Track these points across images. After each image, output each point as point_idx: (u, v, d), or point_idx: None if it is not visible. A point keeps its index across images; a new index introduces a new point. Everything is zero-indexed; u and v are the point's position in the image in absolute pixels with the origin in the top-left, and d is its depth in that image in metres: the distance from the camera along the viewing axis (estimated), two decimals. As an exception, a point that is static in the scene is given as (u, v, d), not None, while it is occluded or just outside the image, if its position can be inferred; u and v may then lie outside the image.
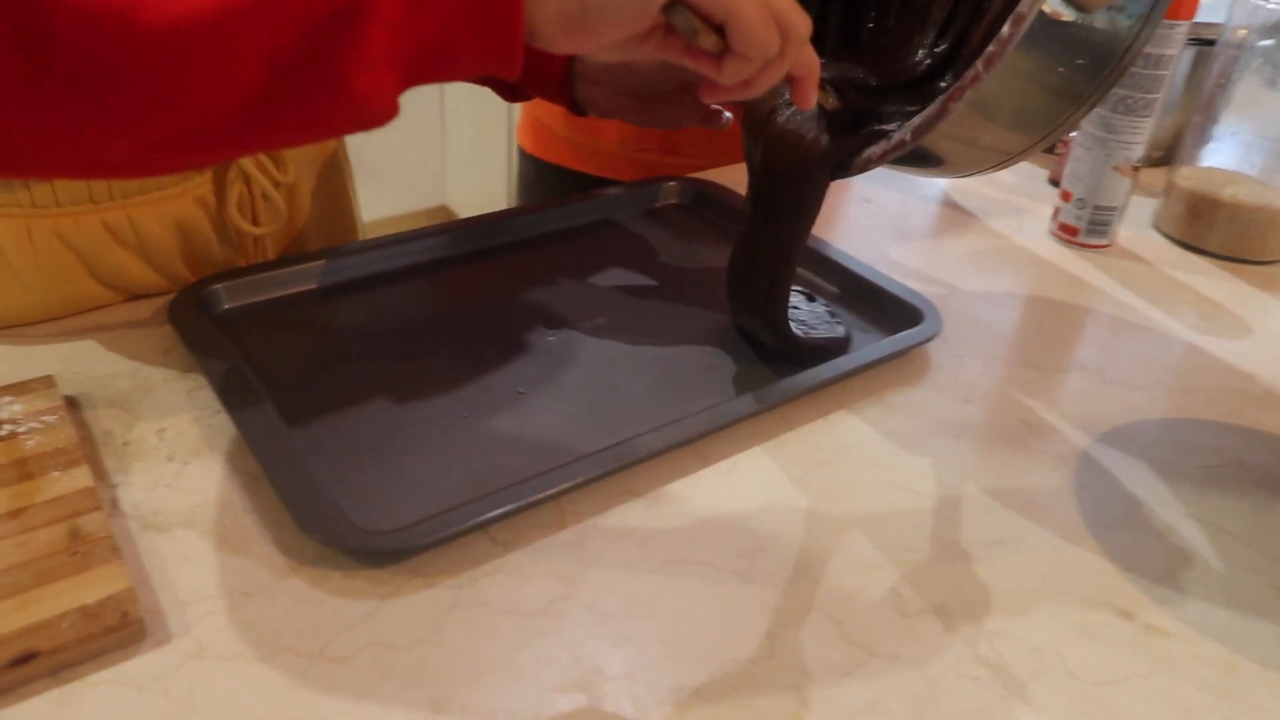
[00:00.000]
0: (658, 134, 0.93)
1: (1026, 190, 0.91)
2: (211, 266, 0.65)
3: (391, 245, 0.68)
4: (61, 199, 0.57)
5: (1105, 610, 0.45)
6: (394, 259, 0.68)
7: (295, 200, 0.70)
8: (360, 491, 0.48)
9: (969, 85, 0.45)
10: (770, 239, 0.59)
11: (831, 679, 0.41)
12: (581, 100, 0.69)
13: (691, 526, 0.48)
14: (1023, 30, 0.43)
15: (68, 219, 0.58)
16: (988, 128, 0.49)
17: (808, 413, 0.57)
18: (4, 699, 0.37)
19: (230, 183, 0.63)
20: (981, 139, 0.50)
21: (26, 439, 0.48)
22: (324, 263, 0.66)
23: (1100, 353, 0.66)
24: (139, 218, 0.60)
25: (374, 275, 0.67)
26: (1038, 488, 0.53)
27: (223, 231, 0.65)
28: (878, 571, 0.46)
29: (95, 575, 0.41)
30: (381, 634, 0.41)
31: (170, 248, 0.62)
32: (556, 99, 0.69)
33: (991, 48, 0.44)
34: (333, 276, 0.66)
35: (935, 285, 0.72)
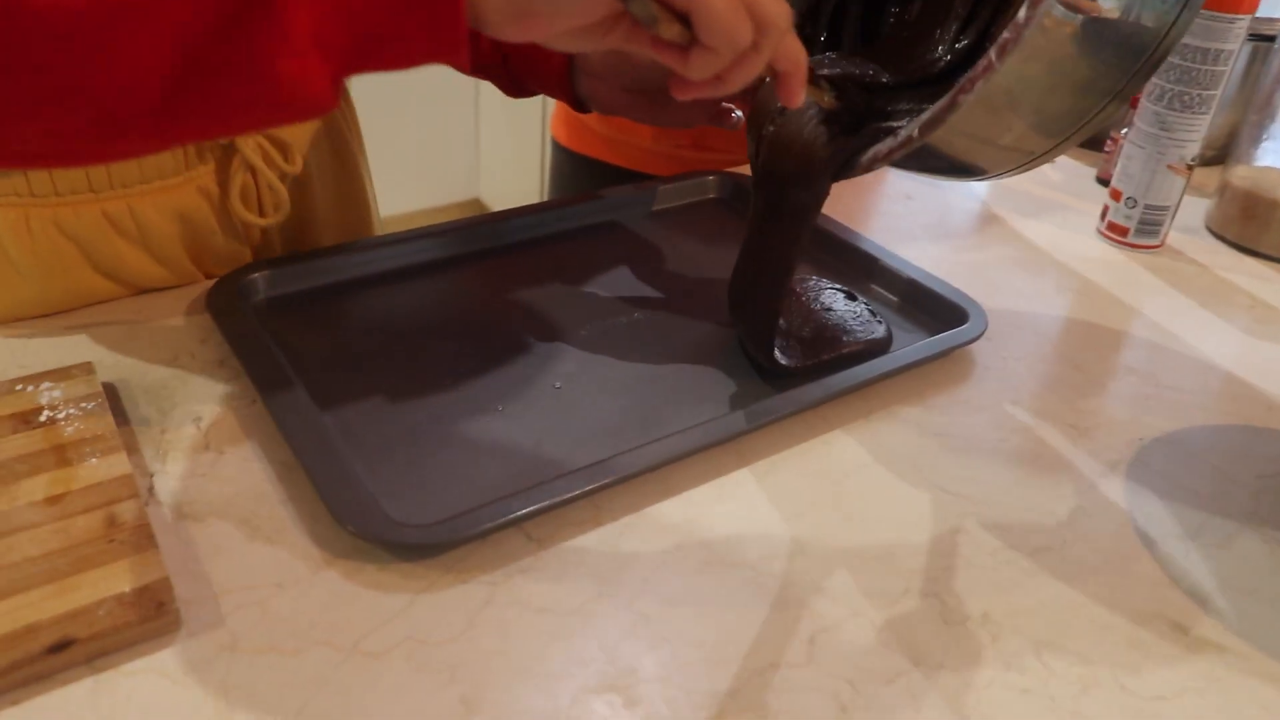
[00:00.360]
0: (690, 129, 0.91)
1: (1073, 189, 0.89)
2: (215, 258, 0.64)
3: (428, 238, 0.68)
4: (60, 188, 0.56)
5: (1158, 623, 0.44)
6: (431, 251, 0.68)
7: (304, 192, 0.69)
8: (395, 485, 0.48)
9: (980, 75, 0.42)
10: (768, 247, 0.56)
11: (872, 687, 0.40)
12: (584, 96, 0.67)
13: (730, 527, 0.47)
14: (1039, 15, 0.40)
15: (67, 208, 0.56)
16: (1007, 124, 0.46)
17: (849, 413, 0.55)
18: (41, 686, 0.37)
19: (234, 173, 0.61)
20: (1001, 137, 0.47)
21: (65, 425, 0.48)
22: (361, 254, 0.65)
23: (1150, 356, 0.64)
24: (139, 208, 0.59)
25: (411, 267, 0.67)
26: (1087, 494, 0.51)
27: (226, 223, 0.63)
28: (920, 577, 0.45)
29: (132, 563, 0.41)
30: (415, 629, 0.41)
31: (172, 238, 0.61)
32: (559, 94, 0.67)
33: (1006, 34, 0.40)
34: (369, 268, 0.65)
35: (979, 284, 0.70)
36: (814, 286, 0.65)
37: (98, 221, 0.58)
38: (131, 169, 0.57)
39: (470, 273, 0.67)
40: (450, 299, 0.64)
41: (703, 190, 0.80)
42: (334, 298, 0.63)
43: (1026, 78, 0.42)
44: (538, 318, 0.62)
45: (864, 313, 0.62)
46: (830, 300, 0.63)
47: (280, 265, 0.63)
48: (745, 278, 0.58)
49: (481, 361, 0.57)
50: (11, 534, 0.42)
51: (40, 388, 0.50)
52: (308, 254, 0.65)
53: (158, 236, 0.60)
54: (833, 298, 0.64)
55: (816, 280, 0.66)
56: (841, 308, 0.63)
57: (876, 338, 0.60)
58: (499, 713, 0.38)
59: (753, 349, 0.58)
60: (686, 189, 0.79)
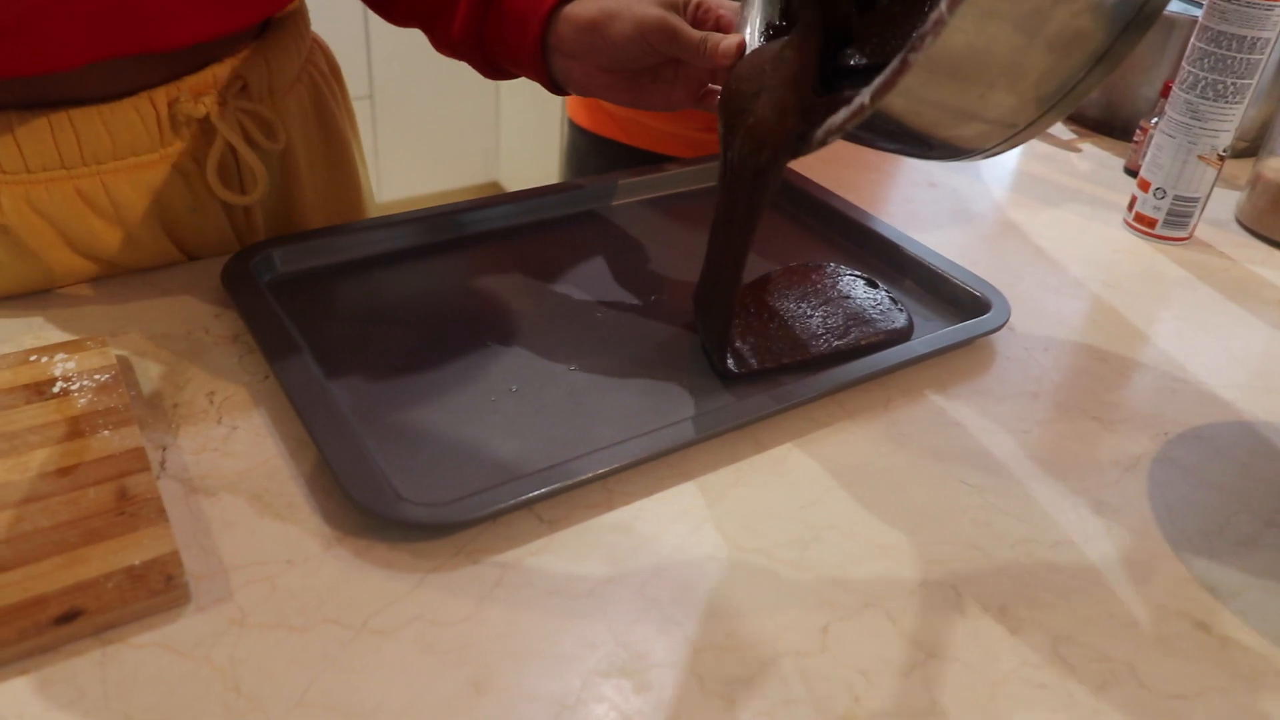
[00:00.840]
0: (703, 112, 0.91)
1: (1100, 178, 0.87)
2: (196, 237, 0.63)
3: (446, 216, 0.67)
4: (31, 164, 0.54)
5: (1180, 620, 0.43)
6: (447, 230, 0.67)
7: (290, 170, 0.67)
8: (407, 463, 0.47)
9: (930, 32, 0.36)
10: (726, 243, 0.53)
11: (887, 678, 0.39)
12: (559, 77, 0.63)
13: (744, 514, 0.47)
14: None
15: (38, 186, 0.54)
16: (976, 92, 0.40)
17: (867, 400, 0.55)
18: (49, 656, 0.37)
19: (211, 149, 0.59)
20: (972, 107, 0.41)
21: (79, 397, 0.48)
22: (376, 233, 0.65)
23: (1176, 349, 0.63)
24: (113, 185, 0.56)
25: (427, 245, 0.66)
26: (1109, 487, 0.50)
27: (205, 201, 0.61)
28: (937, 568, 0.44)
29: (142, 536, 0.40)
30: (425, 609, 0.40)
31: (148, 216, 0.59)
32: (533, 75, 0.64)
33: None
34: (385, 245, 0.65)
35: (1002, 273, 0.69)
36: (833, 272, 0.64)
37: (71, 199, 0.56)
38: (104, 145, 0.55)
39: (486, 253, 0.67)
40: (465, 279, 0.63)
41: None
42: (348, 275, 0.62)
43: (990, 35, 0.37)
44: (553, 299, 0.62)
45: (885, 300, 0.61)
46: (849, 287, 0.63)
47: (295, 242, 0.62)
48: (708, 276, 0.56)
49: (496, 342, 0.57)
50: (23, 504, 0.41)
51: (54, 359, 0.50)
52: (322, 231, 0.64)
53: (134, 215, 0.58)
54: (852, 284, 0.63)
55: (836, 267, 0.65)
56: (861, 295, 0.62)
57: (897, 327, 0.59)
58: (508, 695, 0.37)
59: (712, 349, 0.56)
60: (705, 173, 0.78)
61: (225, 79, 0.59)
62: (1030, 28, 0.37)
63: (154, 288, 0.60)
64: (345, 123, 0.74)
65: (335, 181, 0.73)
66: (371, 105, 2.39)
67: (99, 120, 0.54)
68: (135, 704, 0.36)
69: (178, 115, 0.57)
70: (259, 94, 0.62)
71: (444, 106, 2.53)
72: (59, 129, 0.53)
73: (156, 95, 0.56)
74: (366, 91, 2.36)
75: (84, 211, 0.57)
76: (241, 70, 0.60)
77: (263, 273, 0.60)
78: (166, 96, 0.56)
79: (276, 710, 0.36)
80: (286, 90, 0.65)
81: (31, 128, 0.53)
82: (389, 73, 2.38)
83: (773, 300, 0.61)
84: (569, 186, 0.73)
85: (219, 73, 0.58)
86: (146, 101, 0.56)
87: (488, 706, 0.37)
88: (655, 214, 0.73)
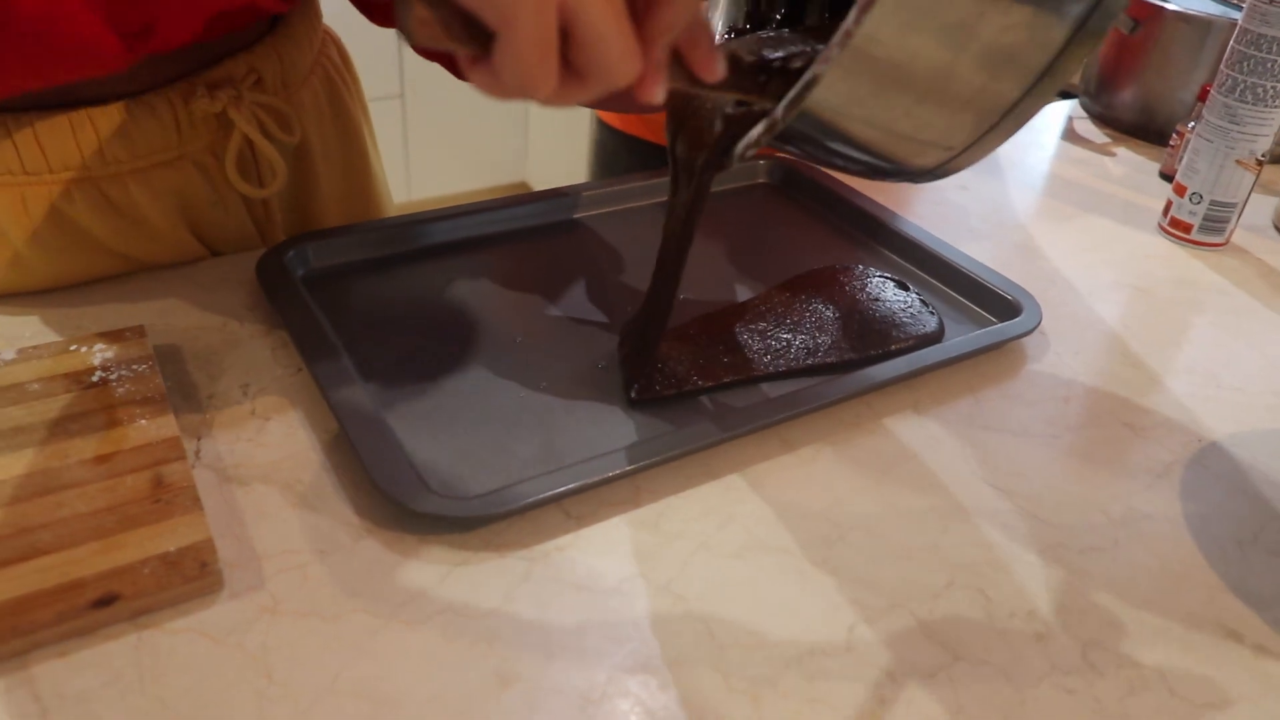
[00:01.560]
0: None
1: (1134, 183, 0.86)
2: (218, 232, 0.63)
3: (476, 214, 0.68)
4: (54, 164, 0.54)
5: (1212, 629, 0.43)
6: (479, 227, 0.68)
7: (305, 164, 0.67)
8: (437, 456, 0.48)
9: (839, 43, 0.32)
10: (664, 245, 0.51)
11: (913, 679, 0.39)
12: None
13: (770, 512, 0.47)
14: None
15: (61, 187, 0.55)
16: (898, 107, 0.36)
17: (896, 403, 0.54)
18: (85, 640, 0.38)
19: (230, 144, 0.59)
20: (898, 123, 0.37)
21: (117, 386, 0.48)
22: (409, 228, 0.66)
23: (1211, 356, 0.62)
24: (134, 184, 0.57)
25: (459, 242, 0.67)
26: (1141, 494, 0.50)
27: (225, 196, 0.62)
28: (966, 571, 0.44)
29: (177, 524, 0.41)
30: (453, 601, 0.41)
31: (171, 214, 0.59)
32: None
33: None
34: (418, 242, 0.66)
35: (1033, 277, 0.69)
36: (862, 274, 0.64)
37: (94, 199, 0.56)
38: (124, 144, 0.56)
39: (518, 250, 0.67)
40: (497, 275, 0.64)
41: (752, 175, 0.79)
42: (380, 271, 0.63)
43: (912, 49, 0.33)
44: (584, 295, 0.62)
45: (915, 303, 0.61)
46: (879, 290, 0.62)
47: (328, 237, 0.63)
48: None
49: (527, 338, 0.57)
50: (61, 490, 0.42)
51: (93, 349, 0.51)
52: (354, 227, 0.65)
53: (156, 212, 0.59)
54: (881, 286, 0.63)
55: (864, 268, 0.65)
56: (891, 297, 0.62)
57: (927, 331, 0.59)
58: (533, 687, 0.38)
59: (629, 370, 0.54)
60: (736, 173, 0.78)
61: (240, 74, 0.59)
62: (956, 43, 0.34)
63: (190, 281, 0.60)
64: (359, 115, 0.74)
65: (351, 173, 0.73)
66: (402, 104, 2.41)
67: (117, 119, 0.55)
68: (169, 688, 0.36)
69: (194, 111, 0.57)
70: (274, 87, 0.62)
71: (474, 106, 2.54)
72: (79, 128, 0.54)
73: (173, 93, 0.57)
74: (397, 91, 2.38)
75: (107, 212, 0.57)
76: (255, 64, 0.60)
77: (296, 267, 0.61)
78: (182, 94, 0.57)
79: (307, 697, 0.36)
80: (300, 83, 0.65)
81: (52, 127, 0.53)
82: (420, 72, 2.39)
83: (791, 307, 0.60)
84: (596, 186, 0.73)
85: (233, 68, 0.59)
86: (163, 99, 0.56)
87: (513, 698, 0.37)
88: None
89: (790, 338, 0.57)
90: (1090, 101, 1.00)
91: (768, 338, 0.57)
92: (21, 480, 0.43)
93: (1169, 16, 0.89)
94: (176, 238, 0.61)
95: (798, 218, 0.74)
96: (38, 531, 0.40)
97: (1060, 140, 0.95)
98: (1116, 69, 0.95)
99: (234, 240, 0.64)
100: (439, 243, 0.66)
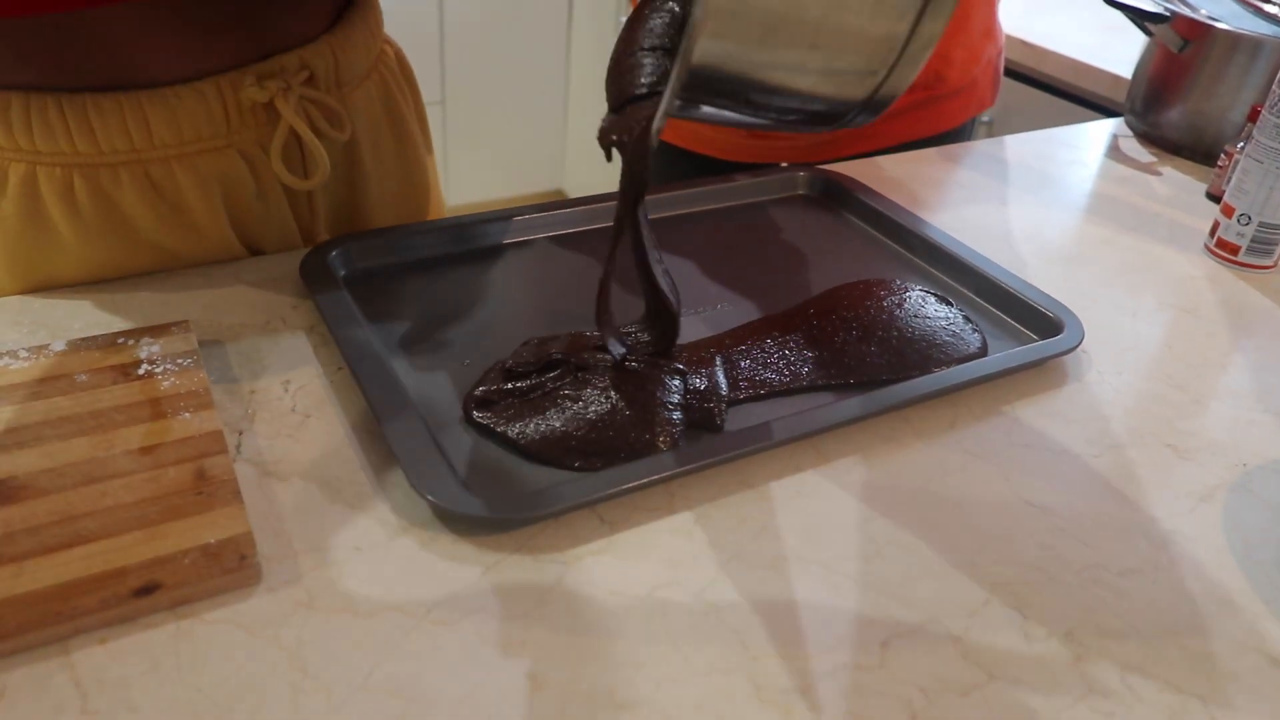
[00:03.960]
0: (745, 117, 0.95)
1: (1180, 203, 0.85)
2: (259, 226, 0.64)
3: (521, 216, 0.68)
4: (103, 147, 0.55)
5: (1254, 656, 0.42)
6: (522, 231, 0.68)
7: (355, 164, 0.67)
8: (473, 458, 0.48)
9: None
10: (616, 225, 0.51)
11: (946, 698, 0.39)
12: None
13: (805, 524, 0.46)
14: None
15: (108, 170, 0.56)
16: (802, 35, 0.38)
17: (935, 418, 0.54)
18: (125, 628, 0.38)
19: (276, 134, 0.60)
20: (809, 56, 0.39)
21: (162, 380, 0.49)
22: (450, 231, 0.66)
23: (1258, 379, 0.61)
24: (181, 170, 0.58)
25: (502, 245, 0.67)
26: (1182, 517, 0.49)
27: (269, 188, 0.62)
28: (1002, 590, 0.44)
29: (217, 516, 0.42)
30: (486, 603, 0.41)
31: (214, 204, 0.60)
32: None
33: None
34: (460, 244, 0.66)
35: (1076, 295, 0.68)
36: (900, 287, 0.63)
37: (140, 183, 0.57)
38: (172, 130, 0.57)
39: (558, 254, 0.67)
40: (538, 279, 0.64)
41: (791, 187, 0.79)
42: (422, 273, 0.63)
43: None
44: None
45: (958, 319, 0.61)
46: (919, 305, 0.62)
47: (370, 238, 0.64)
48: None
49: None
50: (107, 480, 0.43)
51: (140, 342, 0.52)
52: (397, 228, 0.66)
53: (199, 200, 0.59)
54: (922, 301, 0.62)
55: (902, 283, 0.64)
56: (933, 313, 0.61)
57: (971, 353, 0.58)
58: (564, 691, 0.38)
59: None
60: (774, 185, 0.78)
61: (292, 68, 0.60)
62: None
63: (235, 278, 0.61)
64: (415, 125, 0.74)
65: (405, 182, 0.73)
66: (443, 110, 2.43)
67: (166, 105, 0.56)
68: (206, 677, 0.37)
69: (243, 100, 0.58)
70: (326, 85, 0.63)
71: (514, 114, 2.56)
72: (130, 111, 0.55)
73: (223, 81, 0.57)
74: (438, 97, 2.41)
75: (152, 196, 0.58)
76: (308, 60, 0.61)
77: (339, 267, 0.62)
78: (232, 82, 0.58)
79: (341, 692, 0.37)
80: (355, 86, 0.66)
81: (103, 110, 0.54)
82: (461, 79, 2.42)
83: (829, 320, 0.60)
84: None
85: (285, 62, 0.60)
86: (213, 86, 0.57)
87: (544, 701, 0.37)
88: (723, 224, 0.73)
89: (827, 353, 0.57)
90: (1136, 120, 0.98)
91: (804, 351, 0.57)
92: (68, 468, 0.43)
93: (1218, 35, 0.88)
94: (218, 231, 0.62)
95: (836, 230, 0.74)
96: (83, 519, 0.41)
97: (1104, 158, 0.94)
98: (1163, 87, 0.94)
99: (275, 239, 0.65)
100: (481, 246, 0.67)
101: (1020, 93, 1.48)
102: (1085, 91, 1.38)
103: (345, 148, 0.66)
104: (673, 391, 0.52)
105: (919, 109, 0.97)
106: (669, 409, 0.50)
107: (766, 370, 0.55)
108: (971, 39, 0.97)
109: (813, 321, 0.60)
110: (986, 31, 0.99)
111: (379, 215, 0.71)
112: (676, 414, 0.50)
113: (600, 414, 0.50)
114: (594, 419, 0.49)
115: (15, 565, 0.39)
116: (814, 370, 0.56)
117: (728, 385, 0.53)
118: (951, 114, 0.99)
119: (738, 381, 0.54)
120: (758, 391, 0.54)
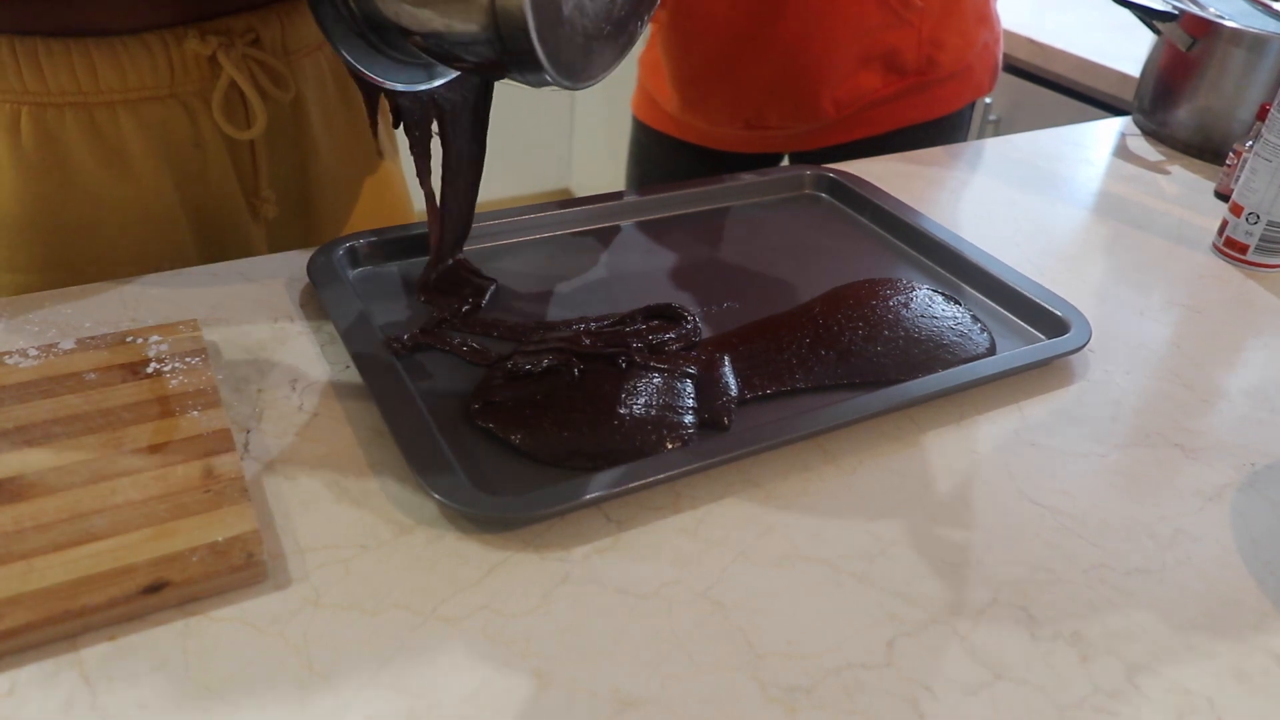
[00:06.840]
0: (743, 111, 0.98)
1: (1188, 202, 0.85)
2: (197, 182, 0.64)
3: (522, 216, 0.69)
4: (51, 87, 0.57)
5: (1262, 656, 0.42)
6: (529, 230, 0.69)
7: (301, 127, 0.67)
8: (479, 456, 0.48)
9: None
10: None
11: (952, 696, 0.39)
12: None
13: (811, 523, 0.46)
14: None
15: (54, 109, 0.58)
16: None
17: (942, 417, 0.54)
18: (135, 624, 0.39)
19: (217, 85, 0.61)
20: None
21: (170, 378, 0.49)
22: (456, 230, 0.66)
23: (1266, 378, 0.61)
24: (123, 115, 0.60)
25: (508, 245, 0.67)
26: (1190, 516, 0.49)
27: (208, 138, 0.63)
28: (1009, 589, 0.44)
29: (225, 514, 0.42)
30: (492, 600, 0.41)
31: (152, 151, 0.61)
32: None
33: None
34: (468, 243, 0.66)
35: (1083, 294, 0.68)
36: (907, 286, 0.63)
37: (84, 124, 0.59)
38: (117, 77, 0.58)
39: (565, 253, 0.67)
40: (544, 277, 0.64)
41: (798, 185, 0.79)
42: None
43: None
44: (628, 301, 0.62)
45: (966, 319, 0.61)
46: (927, 304, 0.62)
47: (378, 237, 0.64)
48: None
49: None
50: (115, 478, 0.43)
51: (148, 340, 0.52)
52: (405, 227, 0.66)
53: (139, 146, 0.61)
54: (930, 300, 0.62)
55: (909, 281, 0.64)
56: (940, 312, 0.61)
57: (979, 353, 0.58)
58: (570, 688, 0.38)
59: None
60: (782, 183, 0.78)
61: (238, 30, 0.61)
62: None
63: (243, 277, 0.62)
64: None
65: (358, 153, 0.73)
66: (449, 110, 2.43)
67: (113, 51, 0.58)
68: (214, 674, 0.37)
69: (186, 52, 0.60)
70: (271, 49, 0.64)
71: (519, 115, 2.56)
72: (79, 56, 0.57)
73: (168, 34, 0.59)
74: (445, 97, 2.41)
75: (93, 140, 0.60)
76: (254, 24, 0.62)
77: (346, 265, 0.62)
78: (177, 36, 0.59)
79: (347, 689, 0.37)
80: (304, 54, 0.67)
81: (52, 52, 0.56)
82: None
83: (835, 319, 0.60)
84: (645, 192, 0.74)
85: (231, 23, 0.61)
86: (158, 38, 0.59)
87: (549, 698, 0.37)
88: (731, 221, 0.73)
89: (834, 352, 0.57)
90: (1143, 118, 0.98)
91: (811, 349, 0.57)
92: (77, 466, 0.44)
93: (1226, 34, 0.88)
94: (154, 180, 0.62)
95: (842, 229, 0.74)
96: (91, 517, 0.41)
97: (1112, 157, 0.93)
98: (1172, 86, 0.94)
99: (215, 194, 0.65)
100: (488, 245, 0.67)
101: (1028, 91, 1.47)
102: (1093, 90, 1.38)
103: (292, 106, 0.67)
104: (683, 395, 0.52)
105: (913, 94, 0.97)
106: (679, 413, 0.51)
107: (774, 369, 0.55)
108: (965, 24, 0.97)
109: (819, 321, 0.60)
110: (981, 18, 0.99)
111: (330, 182, 0.72)
112: (688, 417, 0.50)
113: (611, 418, 0.50)
114: (605, 423, 0.50)
115: (25, 562, 0.39)
116: (821, 369, 0.56)
117: (736, 385, 0.53)
118: (946, 99, 1.00)
119: (746, 381, 0.54)
120: (765, 391, 0.54)
